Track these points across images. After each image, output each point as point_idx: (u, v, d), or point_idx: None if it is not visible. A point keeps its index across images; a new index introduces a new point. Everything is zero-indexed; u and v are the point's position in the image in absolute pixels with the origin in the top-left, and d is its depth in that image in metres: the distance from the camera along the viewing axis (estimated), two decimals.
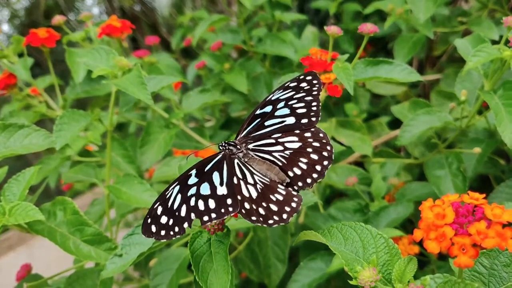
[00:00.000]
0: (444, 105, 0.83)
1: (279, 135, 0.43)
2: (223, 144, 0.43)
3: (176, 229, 0.35)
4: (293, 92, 0.44)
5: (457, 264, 0.33)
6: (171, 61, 1.01)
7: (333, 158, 0.41)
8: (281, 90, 0.45)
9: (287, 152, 0.42)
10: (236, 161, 0.41)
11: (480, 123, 0.70)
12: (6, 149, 0.49)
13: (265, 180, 0.40)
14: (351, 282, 0.36)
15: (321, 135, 0.42)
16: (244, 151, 0.42)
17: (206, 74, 1.09)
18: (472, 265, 0.32)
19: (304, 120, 0.43)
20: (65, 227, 0.50)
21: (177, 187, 0.38)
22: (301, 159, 0.41)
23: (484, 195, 0.36)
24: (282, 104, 0.44)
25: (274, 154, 0.42)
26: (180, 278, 0.52)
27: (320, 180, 0.41)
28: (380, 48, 1.21)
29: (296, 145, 0.42)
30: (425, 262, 0.79)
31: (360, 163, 0.89)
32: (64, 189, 0.96)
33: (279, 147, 0.42)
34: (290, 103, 0.44)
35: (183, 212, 0.36)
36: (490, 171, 0.77)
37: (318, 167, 0.41)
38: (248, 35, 1.00)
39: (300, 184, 0.40)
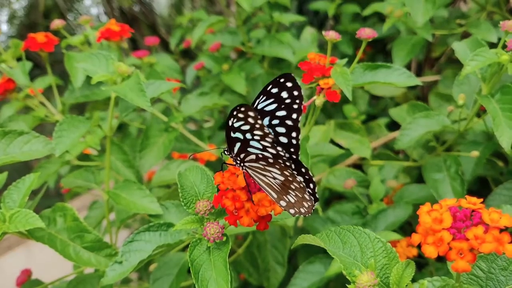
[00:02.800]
0: (442, 107, 0.83)
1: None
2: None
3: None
4: (275, 105, 0.39)
5: (455, 268, 0.33)
6: (170, 62, 1.01)
7: (317, 197, 0.40)
8: (264, 97, 0.39)
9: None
10: None
11: (479, 125, 0.70)
12: (6, 155, 0.50)
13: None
14: (349, 286, 0.37)
15: (303, 170, 0.39)
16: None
17: (205, 75, 1.09)
18: (470, 269, 0.33)
19: (286, 155, 0.39)
20: (65, 234, 0.50)
21: None
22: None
23: (481, 200, 0.36)
24: (266, 121, 0.39)
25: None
26: (180, 283, 0.52)
27: (304, 215, 0.40)
28: (379, 50, 1.21)
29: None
30: (423, 264, 0.79)
31: (358, 166, 0.89)
32: (64, 192, 0.96)
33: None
34: (273, 123, 0.39)
35: None
36: (489, 174, 0.78)
37: (305, 204, 0.39)
38: (247, 36, 1.00)
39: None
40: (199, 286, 0.37)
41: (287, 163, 0.38)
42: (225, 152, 0.40)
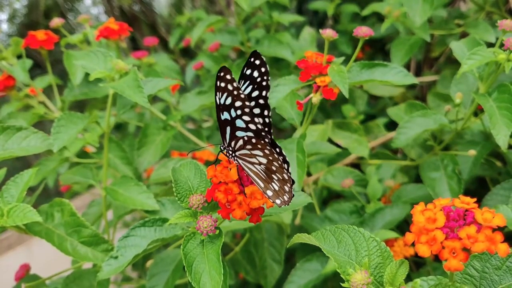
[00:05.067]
0: (440, 106, 0.83)
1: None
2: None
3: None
4: (251, 87, 0.40)
5: (447, 267, 0.33)
6: (169, 62, 1.02)
7: (292, 178, 0.40)
8: (242, 81, 0.41)
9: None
10: None
11: (476, 125, 0.70)
12: (4, 151, 0.50)
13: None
14: (343, 285, 0.37)
15: (277, 149, 0.40)
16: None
17: (204, 75, 1.09)
18: (462, 268, 0.33)
19: (263, 133, 0.40)
20: (62, 229, 0.50)
21: None
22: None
23: (475, 199, 0.36)
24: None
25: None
26: (176, 279, 0.53)
27: (288, 203, 0.40)
28: (378, 49, 1.22)
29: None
30: (421, 264, 0.79)
31: (356, 165, 0.89)
32: (63, 190, 0.96)
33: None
34: (251, 105, 0.40)
35: None
36: (487, 173, 0.78)
37: (286, 187, 0.40)
38: (246, 36, 1.01)
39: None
40: (192, 279, 0.37)
41: (266, 140, 0.39)
42: (222, 147, 0.41)
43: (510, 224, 0.50)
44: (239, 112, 0.38)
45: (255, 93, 0.41)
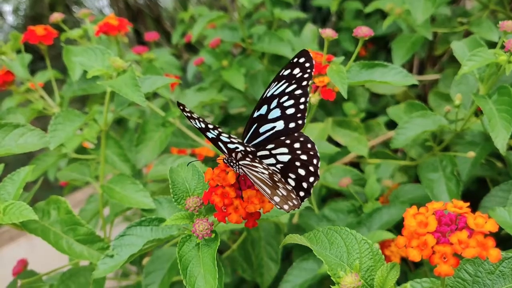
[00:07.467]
0: (441, 106, 0.82)
1: (272, 145, 0.41)
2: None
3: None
4: (286, 84, 0.41)
5: (437, 272, 0.33)
6: (170, 58, 1.02)
7: (318, 174, 0.40)
8: (276, 82, 0.42)
9: (278, 166, 0.40)
10: None
11: (476, 126, 0.70)
12: (1, 148, 0.50)
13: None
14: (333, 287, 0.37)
15: (309, 145, 0.40)
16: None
17: (205, 71, 1.09)
18: (453, 274, 0.33)
19: (292, 125, 0.41)
20: (58, 226, 0.51)
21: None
22: (290, 174, 0.40)
23: (468, 204, 0.36)
24: (275, 103, 0.42)
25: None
26: (172, 277, 0.53)
27: (306, 198, 0.40)
28: (382, 47, 1.20)
29: (286, 158, 0.40)
30: (418, 264, 0.79)
31: (356, 164, 0.89)
32: (62, 184, 0.97)
33: (272, 160, 0.40)
34: (281, 101, 0.42)
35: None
36: (487, 174, 0.77)
37: (304, 185, 0.40)
38: (247, 32, 1.00)
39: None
40: (187, 282, 0.38)
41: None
42: (225, 160, 0.41)
43: (507, 226, 0.50)
44: (216, 132, 0.38)
45: (291, 87, 0.41)
